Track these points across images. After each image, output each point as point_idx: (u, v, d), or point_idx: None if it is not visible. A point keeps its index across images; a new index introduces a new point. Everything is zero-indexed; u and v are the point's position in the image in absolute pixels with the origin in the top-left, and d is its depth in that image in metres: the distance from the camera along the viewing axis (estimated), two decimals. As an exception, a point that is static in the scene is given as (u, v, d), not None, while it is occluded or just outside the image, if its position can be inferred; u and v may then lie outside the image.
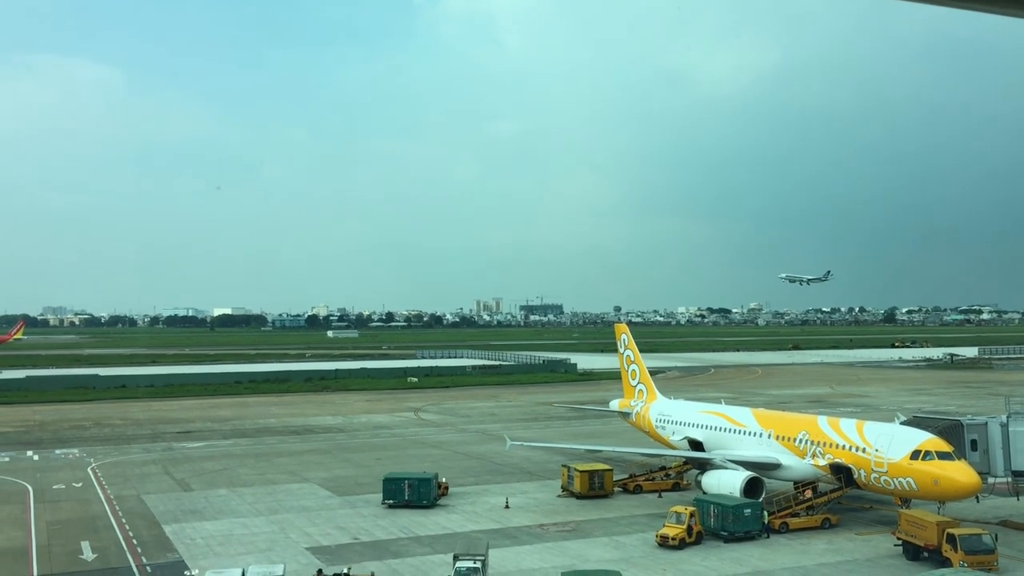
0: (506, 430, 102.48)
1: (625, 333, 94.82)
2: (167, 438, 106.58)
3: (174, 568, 52.35)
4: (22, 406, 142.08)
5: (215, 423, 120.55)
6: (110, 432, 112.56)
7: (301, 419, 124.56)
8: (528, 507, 68.37)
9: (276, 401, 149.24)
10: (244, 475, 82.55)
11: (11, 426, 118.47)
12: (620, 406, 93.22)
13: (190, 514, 66.26)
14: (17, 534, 60.99)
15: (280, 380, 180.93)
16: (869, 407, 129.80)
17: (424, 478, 69.12)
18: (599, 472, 71.93)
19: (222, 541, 58.31)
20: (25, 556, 55.40)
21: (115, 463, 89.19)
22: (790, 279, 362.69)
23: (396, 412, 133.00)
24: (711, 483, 65.17)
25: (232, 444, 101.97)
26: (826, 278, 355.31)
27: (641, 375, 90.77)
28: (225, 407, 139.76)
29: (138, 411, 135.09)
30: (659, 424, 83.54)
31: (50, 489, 76.19)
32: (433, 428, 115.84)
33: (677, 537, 55.70)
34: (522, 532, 60.71)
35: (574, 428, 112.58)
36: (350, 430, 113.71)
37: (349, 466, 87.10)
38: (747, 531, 57.89)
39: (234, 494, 73.73)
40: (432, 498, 68.29)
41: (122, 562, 53.82)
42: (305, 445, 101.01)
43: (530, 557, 54.39)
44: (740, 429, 72.21)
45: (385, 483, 69.09)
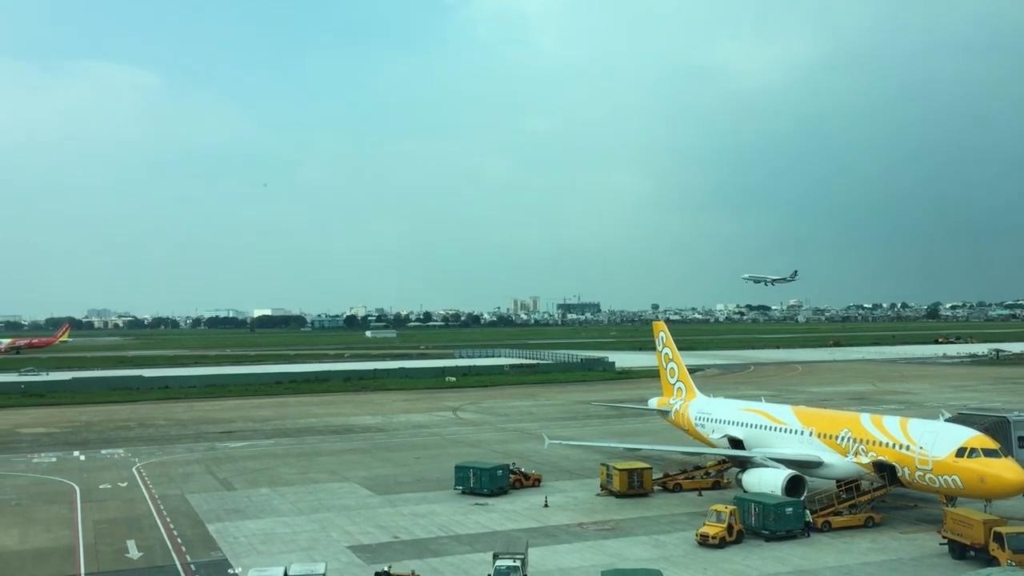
0: (544, 429, 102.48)
1: (663, 331, 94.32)
2: (210, 438, 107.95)
3: (218, 566, 53.01)
4: (68, 407, 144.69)
5: (256, 423, 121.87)
6: (154, 432, 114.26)
7: (341, 419, 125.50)
8: (567, 506, 68.29)
9: (316, 401, 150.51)
10: (285, 474, 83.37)
11: (58, 427, 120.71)
12: (659, 404, 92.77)
13: (233, 513, 67.05)
14: (65, 533, 62.12)
15: (320, 380, 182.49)
16: (913, 404, 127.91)
17: (488, 468, 72.91)
18: (638, 470, 71.63)
19: (264, 540, 58.94)
20: (73, 555, 56.41)
21: (159, 463, 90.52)
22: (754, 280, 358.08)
23: (434, 411, 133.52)
24: (752, 481, 64.60)
25: (273, 444, 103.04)
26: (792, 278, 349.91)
27: (680, 373, 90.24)
28: (266, 407, 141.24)
29: (181, 411, 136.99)
30: (698, 422, 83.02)
31: (96, 489, 77.51)
32: (471, 427, 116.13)
33: (717, 536, 55.29)
34: (561, 531, 60.65)
35: (612, 426, 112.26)
36: (389, 429, 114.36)
37: (389, 465, 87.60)
38: (789, 530, 57.29)
39: (276, 493, 74.49)
40: (498, 487, 71.95)
41: (167, 561, 54.60)
42: (345, 444, 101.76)
43: (569, 556, 54.32)
44: (781, 427, 71.50)
45: (456, 471, 74.09)
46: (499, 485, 72.75)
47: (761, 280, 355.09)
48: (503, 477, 73.52)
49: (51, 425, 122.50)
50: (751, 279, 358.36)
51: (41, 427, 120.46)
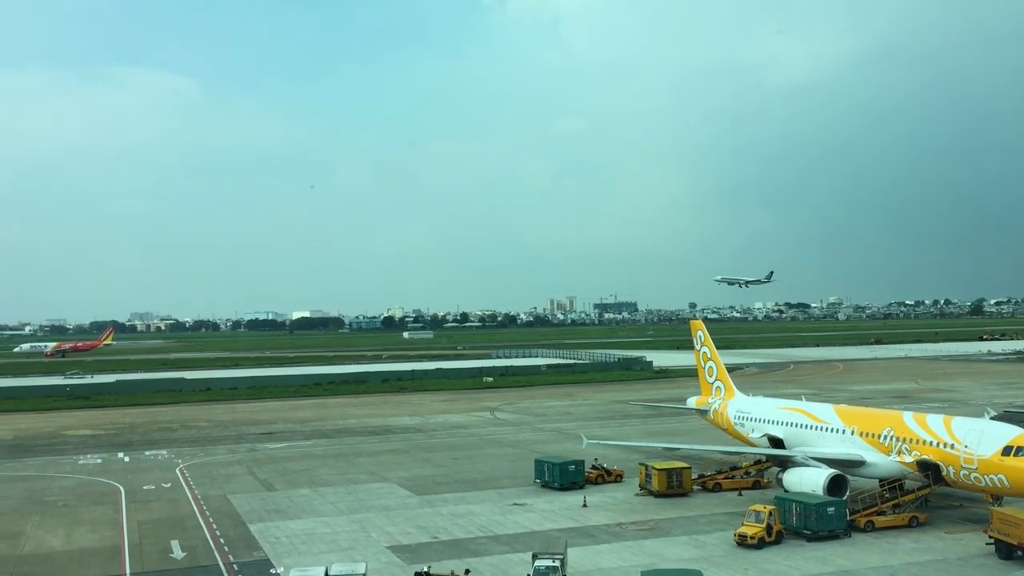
0: (582, 429, 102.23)
1: (701, 330, 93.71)
2: (250, 439, 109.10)
3: (260, 566, 53.55)
4: (113, 409, 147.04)
5: (296, 424, 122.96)
6: (196, 434, 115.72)
7: (379, 419, 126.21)
8: (606, 506, 68.10)
9: (354, 402, 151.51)
10: (325, 475, 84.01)
11: (103, 429, 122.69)
12: (697, 403, 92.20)
13: (274, 513, 67.71)
14: (110, 533, 63.12)
15: (358, 381, 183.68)
16: (957, 402, 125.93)
17: (560, 463, 74.68)
18: (677, 470, 71.26)
19: (305, 540, 59.44)
20: (118, 555, 57.29)
21: (201, 464, 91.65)
22: (728, 282, 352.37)
23: (472, 412, 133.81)
24: (793, 481, 63.94)
25: (313, 444, 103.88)
26: (768, 279, 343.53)
27: (718, 372, 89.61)
28: (305, 408, 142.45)
29: (222, 413, 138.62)
30: (738, 421, 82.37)
31: (141, 490, 78.66)
32: (509, 427, 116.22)
33: (756, 536, 54.80)
34: (600, 531, 60.50)
35: (650, 426, 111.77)
36: (427, 430, 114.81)
37: (427, 465, 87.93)
38: (831, 530, 56.63)
39: (316, 494, 75.09)
40: (571, 482, 73.41)
41: (210, 560, 55.26)
42: (384, 445, 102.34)
43: (609, 556, 54.16)
44: (822, 426, 70.71)
45: (535, 465, 77.02)
46: (572, 480, 73.89)
47: (735, 282, 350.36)
48: (576, 472, 74.58)
49: (96, 427, 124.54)
50: (724, 281, 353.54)
51: (87, 429, 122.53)
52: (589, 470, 77.00)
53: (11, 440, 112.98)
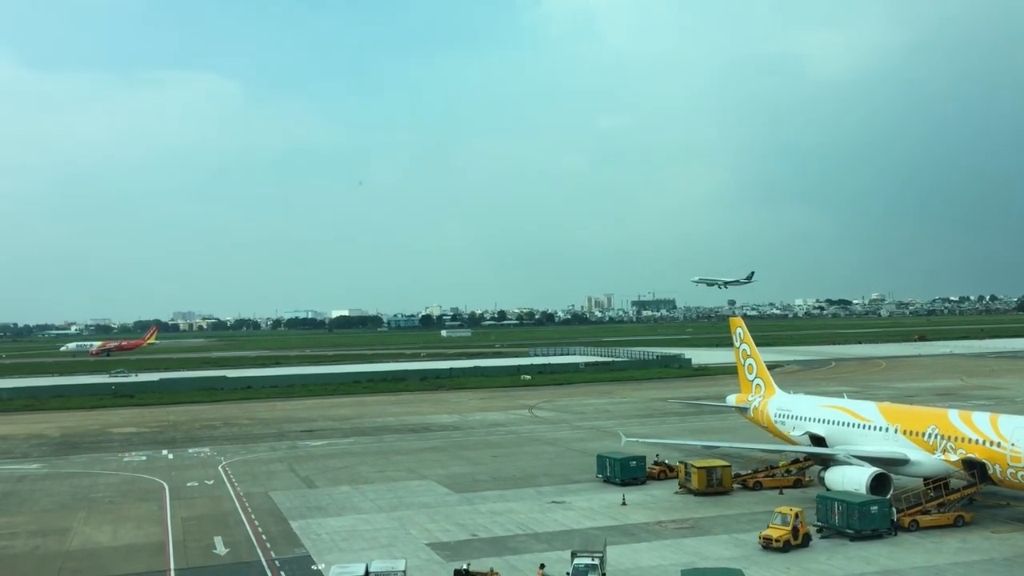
0: (621, 427, 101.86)
1: (740, 327, 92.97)
2: (291, 437, 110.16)
3: (301, 563, 54.07)
4: (157, 407, 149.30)
5: (336, 422, 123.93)
6: (238, 431, 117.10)
7: (418, 417, 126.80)
8: (645, 504, 67.83)
9: (393, 400, 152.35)
10: (365, 472, 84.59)
11: (147, 426, 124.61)
12: (737, 401, 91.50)
13: (315, 510, 68.31)
14: (155, 529, 64.08)
15: (397, 379, 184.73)
16: (1003, 400, 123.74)
17: (620, 458, 75.27)
18: (717, 468, 70.81)
19: (346, 536, 59.90)
20: (163, 551, 58.16)
21: (243, 461, 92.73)
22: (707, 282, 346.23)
23: (510, 410, 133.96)
24: (835, 479, 63.24)
25: (352, 442, 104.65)
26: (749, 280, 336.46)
27: (758, 369, 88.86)
28: (345, 406, 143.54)
29: (263, 411, 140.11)
30: (778, 419, 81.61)
31: (184, 486, 79.79)
32: (548, 425, 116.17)
33: (782, 539, 53.59)
34: (640, 529, 60.27)
35: (690, 424, 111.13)
36: (466, 428, 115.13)
37: (466, 463, 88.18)
38: (874, 529, 55.91)
39: (356, 491, 75.64)
40: (631, 477, 74.28)
41: (253, 556, 55.90)
42: (423, 443, 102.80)
43: (648, 554, 53.94)
44: (865, 424, 69.85)
45: (597, 460, 78.28)
46: (632, 475, 74.34)
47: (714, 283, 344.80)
48: (638, 468, 75.02)
49: (141, 425, 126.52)
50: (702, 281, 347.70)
51: (131, 427, 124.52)
52: (651, 466, 77.10)
53: (58, 437, 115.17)
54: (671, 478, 75.41)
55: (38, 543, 60.91)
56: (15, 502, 75.12)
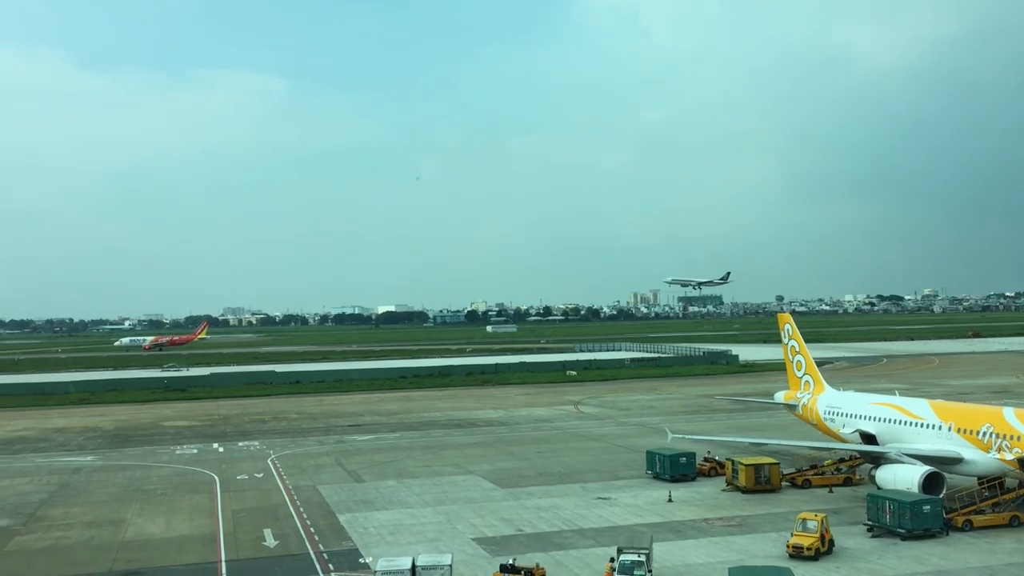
0: (667, 423, 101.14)
1: (789, 323, 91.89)
2: (338, 431, 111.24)
3: (349, 556, 54.60)
4: (207, 401, 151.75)
5: (382, 416, 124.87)
6: (286, 425, 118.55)
7: (464, 412, 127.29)
8: (692, 501, 67.41)
9: (439, 395, 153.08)
10: (411, 467, 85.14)
11: (199, 420, 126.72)
12: (785, 398, 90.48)
13: (362, 504, 68.94)
14: (206, 521, 65.17)
15: (442, 375, 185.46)
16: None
17: (671, 455, 75.02)
18: (765, 466, 70.09)
19: (392, 531, 60.36)
20: (214, 542, 59.12)
21: (292, 455, 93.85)
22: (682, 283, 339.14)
23: (556, 405, 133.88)
24: (886, 478, 62.26)
25: (399, 437, 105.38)
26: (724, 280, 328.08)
27: (807, 366, 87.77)
28: (391, 401, 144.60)
29: (311, 405, 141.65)
30: (828, 416, 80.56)
31: (234, 479, 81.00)
32: (593, 421, 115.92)
33: (813, 547, 51.23)
34: (686, 526, 59.90)
35: (737, 421, 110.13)
36: (511, 423, 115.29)
37: (511, 459, 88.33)
38: (926, 529, 54.93)
39: (402, 485, 76.17)
40: (681, 474, 74.08)
41: (301, 549, 56.58)
42: (468, 438, 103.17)
43: (695, 552, 53.60)
44: (917, 421, 68.66)
45: (647, 456, 78.25)
46: (683, 472, 74.17)
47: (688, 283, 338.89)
48: (688, 464, 74.83)
49: (192, 418, 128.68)
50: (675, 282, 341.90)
51: (183, 420, 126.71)
52: (701, 462, 76.77)
53: (113, 431, 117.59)
54: (721, 475, 74.81)
55: (93, 533, 62.31)
56: (71, 493, 76.89)
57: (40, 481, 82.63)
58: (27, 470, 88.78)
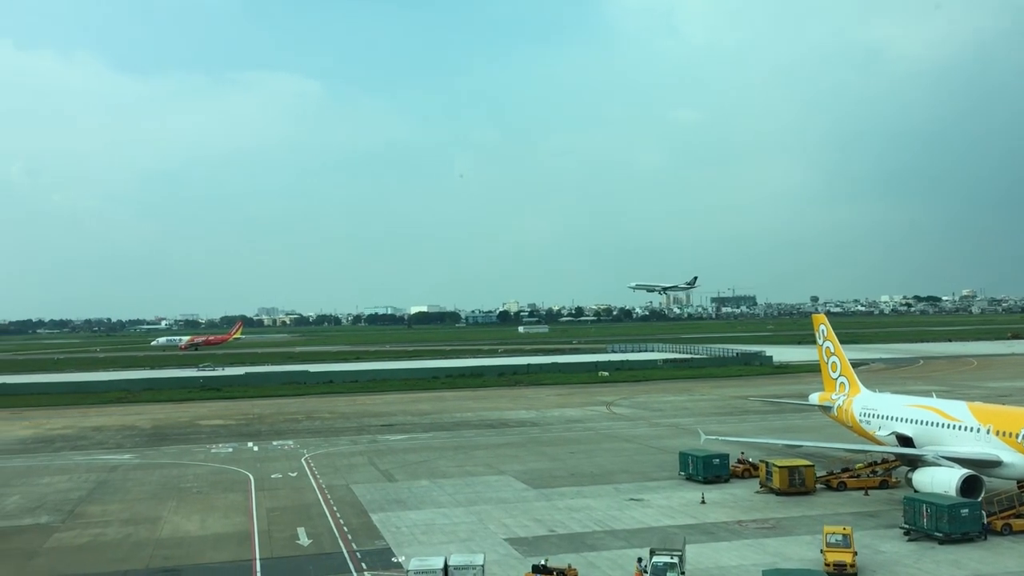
0: (700, 424, 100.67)
1: (824, 324, 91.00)
2: (371, 431, 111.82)
3: (382, 555, 54.88)
4: (242, 400, 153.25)
5: (415, 416, 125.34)
6: (320, 425, 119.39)
7: (496, 413, 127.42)
8: (725, 502, 66.98)
9: (471, 395, 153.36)
10: (444, 467, 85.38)
11: (234, 419, 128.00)
12: (820, 400, 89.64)
13: (395, 503, 69.26)
14: (241, 519, 65.82)
15: (475, 375, 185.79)
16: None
17: (703, 456, 74.72)
18: (799, 468, 69.47)
19: (425, 530, 60.58)
20: (248, 540, 59.71)
21: (325, 454, 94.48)
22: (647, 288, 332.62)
23: (588, 406, 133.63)
24: (923, 481, 61.49)
25: (431, 437, 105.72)
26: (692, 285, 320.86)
27: (843, 367, 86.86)
28: (424, 401, 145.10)
29: (344, 405, 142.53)
30: (863, 418, 79.67)
31: (269, 478, 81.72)
32: (626, 422, 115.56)
33: (854, 563, 48.58)
34: (719, 528, 59.55)
35: (771, 422, 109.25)
36: (543, 424, 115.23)
37: (543, 459, 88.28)
38: (964, 532, 54.16)
39: (435, 485, 76.41)
40: (714, 475, 73.68)
41: (335, 548, 56.96)
42: (500, 438, 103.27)
43: (728, 554, 53.26)
44: (955, 424, 67.70)
45: (680, 457, 77.88)
46: (716, 473, 73.86)
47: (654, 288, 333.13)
48: (721, 466, 74.57)
49: (227, 417, 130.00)
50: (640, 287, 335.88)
51: (218, 419, 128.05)
52: (734, 464, 76.32)
53: (150, 429, 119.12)
54: (754, 477, 74.26)
55: (130, 531, 63.16)
56: (109, 491, 78.00)
57: (79, 479, 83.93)
58: (66, 467, 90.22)
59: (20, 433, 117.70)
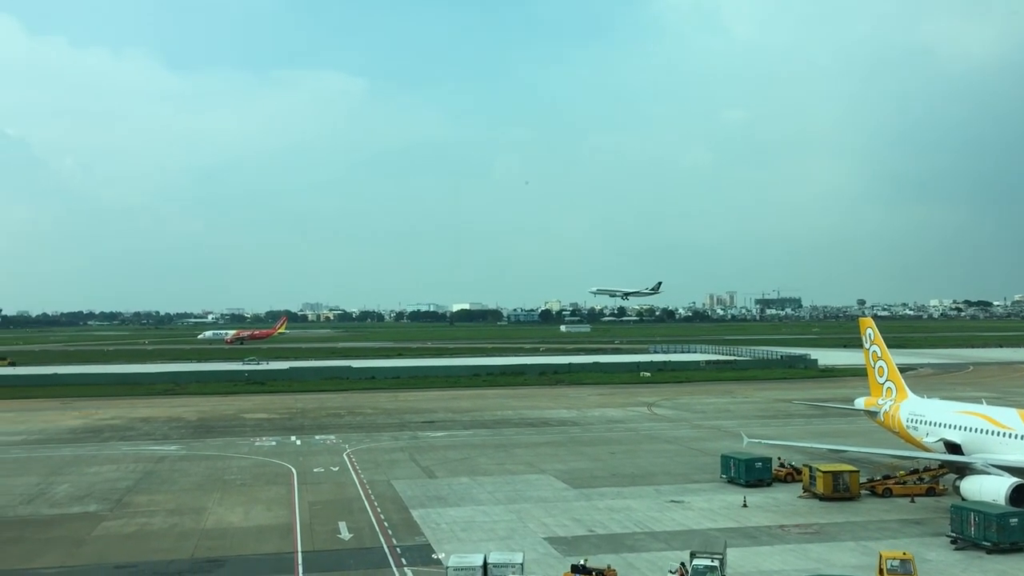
0: (742, 427, 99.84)
1: (871, 328, 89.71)
2: (412, 427, 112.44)
3: (421, 551, 55.16)
4: (286, 395, 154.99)
5: (456, 414, 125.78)
6: (362, 420, 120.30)
7: (536, 411, 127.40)
8: (767, 506, 66.32)
9: (512, 394, 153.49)
10: (484, 464, 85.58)
11: (277, 413, 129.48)
12: (866, 404, 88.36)
13: (435, 500, 69.58)
14: (283, 512, 66.56)
15: (516, 373, 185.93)
16: None
17: (746, 459, 74.26)
18: (844, 473, 68.54)
19: (464, 527, 60.77)
20: (290, 533, 60.37)
21: (367, 450, 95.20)
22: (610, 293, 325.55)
23: (629, 406, 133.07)
24: (971, 489, 60.33)
25: (472, 434, 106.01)
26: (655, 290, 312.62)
27: (890, 372, 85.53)
28: (465, 398, 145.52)
29: (386, 401, 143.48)
30: (910, 424, 78.38)
31: (311, 472, 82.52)
32: (667, 423, 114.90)
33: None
34: (761, 532, 58.97)
35: (815, 426, 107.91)
36: (584, 423, 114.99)
37: (584, 459, 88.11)
38: (1013, 542, 53.04)
39: (475, 482, 76.62)
40: (756, 479, 73.05)
41: (375, 543, 57.37)
42: (541, 437, 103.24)
43: (770, 558, 52.72)
44: (1005, 431, 66.30)
45: (721, 460, 77.20)
46: (758, 477, 73.31)
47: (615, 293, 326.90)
48: (763, 469, 74.03)
49: (271, 411, 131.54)
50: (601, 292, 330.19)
51: (262, 413, 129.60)
52: (777, 468, 75.73)
53: (195, 421, 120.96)
54: (797, 481, 73.42)
55: (176, 521, 64.19)
56: (156, 481, 79.34)
57: (126, 468, 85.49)
58: (114, 457, 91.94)
59: (70, 423, 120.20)
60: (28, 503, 70.71)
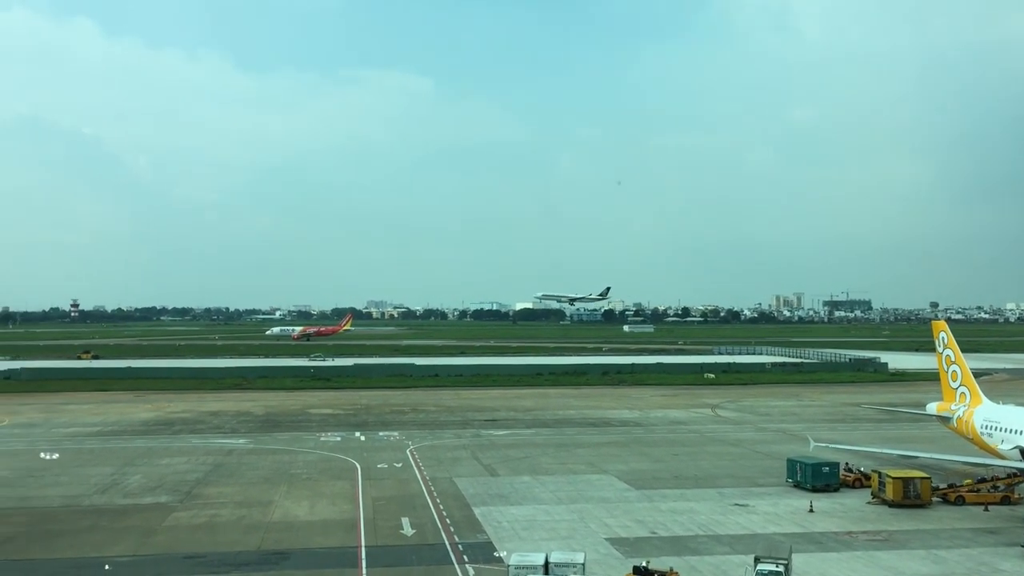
0: (809, 431, 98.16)
1: (944, 331, 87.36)
2: (475, 425, 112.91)
3: (483, 548, 55.38)
4: (350, 391, 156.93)
5: (518, 412, 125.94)
6: (425, 417, 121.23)
7: (599, 412, 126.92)
8: (834, 512, 65.07)
9: (574, 393, 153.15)
10: (546, 463, 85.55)
11: (342, 408, 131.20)
12: (938, 410, 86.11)
13: (497, 498, 69.79)
14: (347, 507, 67.44)
15: (578, 373, 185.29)
16: None
17: (813, 463, 73.14)
18: (915, 479, 66.94)
19: (526, 526, 60.84)
20: (354, 528, 61.16)
21: (430, 447, 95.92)
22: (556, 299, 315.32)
23: (693, 408, 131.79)
24: (1049, 499, 58.38)
25: (534, 433, 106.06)
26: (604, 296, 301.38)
27: (963, 377, 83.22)
28: (527, 397, 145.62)
29: (449, 399, 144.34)
30: (985, 431, 76.15)
31: (375, 468, 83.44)
32: (731, 425, 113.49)
33: None
34: (828, 538, 57.88)
35: (884, 431, 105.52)
36: (647, 424, 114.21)
37: (646, 460, 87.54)
38: (1094, 555, 51.27)
39: (536, 481, 76.64)
40: (823, 484, 71.73)
41: (437, 540, 57.79)
42: (603, 437, 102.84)
43: (837, 565, 51.73)
44: (1085, 440, 64.01)
45: (788, 464, 76.16)
46: (825, 482, 72.19)
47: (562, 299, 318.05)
48: (830, 474, 72.91)
49: (336, 407, 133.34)
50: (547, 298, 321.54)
51: (328, 408, 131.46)
52: (845, 473, 74.41)
53: (263, 416, 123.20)
54: (866, 487, 71.92)
55: (243, 513, 65.50)
56: (224, 474, 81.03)
57: (196, 461, 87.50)
58: (185, 450, 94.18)
59: (143, 415, 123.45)
60: (103, 493, 72.87)
